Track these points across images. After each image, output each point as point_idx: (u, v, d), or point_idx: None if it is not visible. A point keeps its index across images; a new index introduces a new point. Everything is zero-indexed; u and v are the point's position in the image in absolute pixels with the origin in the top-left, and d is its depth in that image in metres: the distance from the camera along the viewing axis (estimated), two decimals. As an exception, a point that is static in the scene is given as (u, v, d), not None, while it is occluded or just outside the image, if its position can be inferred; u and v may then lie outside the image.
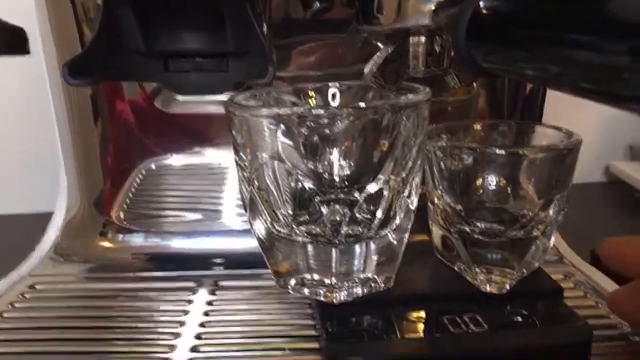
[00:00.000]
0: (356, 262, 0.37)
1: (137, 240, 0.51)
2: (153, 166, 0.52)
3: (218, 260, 0.49)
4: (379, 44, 0.41)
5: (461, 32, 0.28)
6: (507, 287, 0.38)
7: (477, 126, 0.43)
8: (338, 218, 0.36)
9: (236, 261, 0.49)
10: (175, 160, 0.52)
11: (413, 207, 0.37)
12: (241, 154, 0.37)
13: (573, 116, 0.51)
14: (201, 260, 0.49)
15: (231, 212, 0.52)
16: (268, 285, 0.45)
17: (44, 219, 0.52)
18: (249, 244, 0.49)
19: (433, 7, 0.33)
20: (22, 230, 0.61)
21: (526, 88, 0.51)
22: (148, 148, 0.51)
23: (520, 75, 0.28)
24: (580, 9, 0.22)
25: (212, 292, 0.45)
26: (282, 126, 0.34)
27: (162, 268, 0.49)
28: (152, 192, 0.52)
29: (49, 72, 0.48)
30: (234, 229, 0.51)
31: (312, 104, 0.42)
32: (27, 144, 0.69)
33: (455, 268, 0.41)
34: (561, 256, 0.50)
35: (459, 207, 0.39)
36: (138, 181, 0.52)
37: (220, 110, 0.48)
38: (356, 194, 0.36)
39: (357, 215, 0.36)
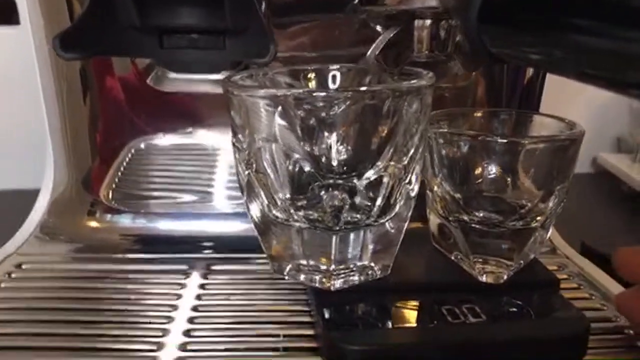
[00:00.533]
0: (354, 249, 0.36)
1: (126, 220, 0.49)
2: (143, 145, 0.51)
3: (210, 244, 0.48)
4: (378, 27, 0.40)
5: (473, 16, 0.27)
6: (505, 277, 0.38)
7: (478, 114, 0.43)
8: (337, 203, 0.35)
9: (229, 244, 0.48)
10: (167, 139, 0.51)
11: (413, 194, 0.37)
12: (239, 135, 0.36)
13: (561, 107, 0.50)
14: (193, 243, 0.48)
15: (223, 194, 0.51)
16: (262, 270, 0.44)
17: (32, 195, 0.51)
18: (242, 226, 0.49)
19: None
20: (10, 207, 0.59)
21: (525, 77, 0.50)
22: (138, 126, 0.50)
23: (530, 61, 0.27)
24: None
25: (205, 276, 0.44)
26: (280, 108, 0.33)
27: (152, 250, 0.47)
28: (142, 171, 0.51)
29: (37, 44, 0.46)
30: (226, 211, 0.50)
31: (310, 87, 0.42)
32: (13, 119, 0.67)
33: (452, 257, 0.41)
34: (554, 247, 0.50)
35: (458, 195, 0.39)
36: (127, 160, 0.51)
37: (214, 89, 0.48)
38: (355, 180, 0.35)
39: (357, 201, 0.35)
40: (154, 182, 0.51)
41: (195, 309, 0.40)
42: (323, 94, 0.32)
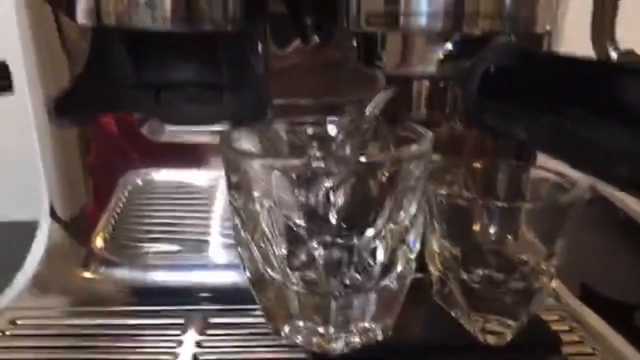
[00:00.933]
0: (354, 312, 0.36)
1: (121, 272, 0.49)
2: (139, 188, 0.50)
3: (207, 295, 0.48)
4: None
5: (472, 88, 0.27)
6: (509, 338, 0.37)
7: (477, 164, 0.42)
8: (335, 260, 0.35)
9: (226, 296, 0.47)
10: (163, 184, 0.50)
11: (413, 256, 0.36)
12: (234, 193, 0.36)
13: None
14: (189, 295, 0.48)
15: (222, 243, 0.50)
16: (260, 323, 0.43)
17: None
18: (239, 278, 0.48)
19: (441, 57, 0.31)
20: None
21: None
22: (134, 171, 0.49)
23: (525, 140, 0.27)
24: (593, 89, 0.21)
25: (202, 332, 0.43)
26: (277, 172, 0.33)
27: (148, 303, 0.47)
28: (137, 219, 0.51)
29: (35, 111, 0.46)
30: (225, 262, 0.49)
31: (310, 141, 0.41)
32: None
33: (453, 314, 0.40)
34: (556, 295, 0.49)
35: (456, 251, 0.38)
36: (122, 207, 0.50)
37: (210, 140, 0.47)
38: (355, 240, 0.35)
39: (355, 260, 0.35)
40: (150, 232, 0.50)
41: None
42: (322, 166, 0.32)
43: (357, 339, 0.37)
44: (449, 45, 0.32)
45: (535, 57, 0.26)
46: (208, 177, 0.50)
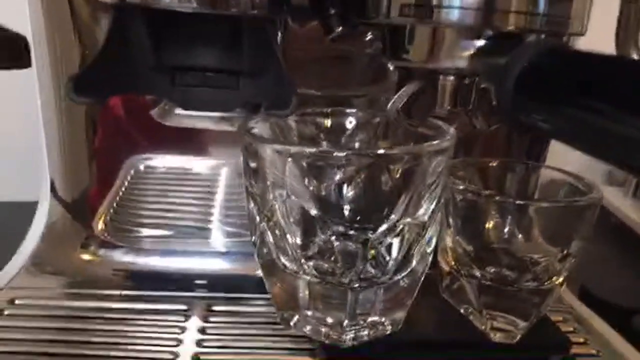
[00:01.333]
0: (366, 305, 0.36)
1: (121, 256, 0.48)
2: (142, 170, 0.49)
3: (212, 283, 0.47)
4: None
5: (509, 86, 0.27)
6: (518, 337, 0.37)
7: (493, 164, 0.42)
8: (351, 253, 0.34)
9: (230, 284, 0.47)
10: (167, 166, 0.49)
11: (430, 250, 0.36)
12: (252, 181, 0.36)
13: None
14: (190, 282, 0.47)
15: (224, 231, 0.49)
16: (265, 312, 0.43)
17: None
18: (243, 265, 0.48)
19: (472, 52, 0.31)
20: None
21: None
22: (138, 151, 0.48)
23: (562, 138, 0.27)
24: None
25: (205, 319, 0.43)
26: (294, 160, 0.32)
27: (149, 287, 0.46)
28: (139, 202, 0.50)
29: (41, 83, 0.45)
30: (227, 250, 0.49)
31: (326, 132, 0.41)
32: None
33: (462, 310, 0.40)
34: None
35: (470, 248, 0.38)
36: (124, 189, 0.49)
37: (219, 126, 0.47)
38: (370, 233, 0.34)
39: (370, 254, 0.35)
40: (151, 216, 0.50)
41: (197, 358, 0.38)
42: (341, 154, 0.32)
43: (366, 333, 0.36)
44: (479, 42, 0.31)
45: (576, 56, 0.25)
46: (214, 164, 0.50)
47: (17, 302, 0.43)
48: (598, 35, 0.36)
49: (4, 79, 0.61)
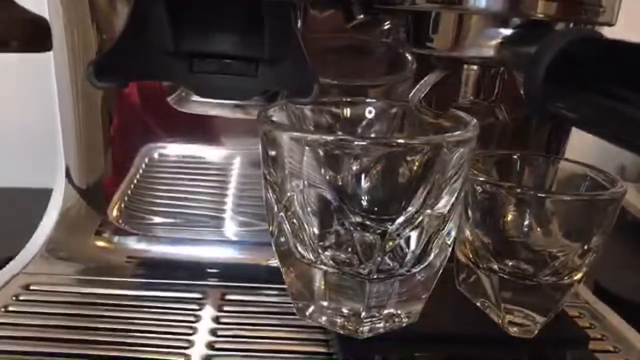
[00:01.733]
0: (382, 297, 0.35)
1: (135, 243, 0.48)
2: (157, 159, 0.49)
3: (225, 272, 0.47)
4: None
5: (539, 75, 0.26)
6: (535, 332, 0.37)
7: (514, 156, 0.41)
8: (369, 243, 0.34)
9: (243, 274, 0.46)
10: (183, 154, 0.49)
11: (449, 242, 0.36)
12: (271, 169, 0.35)
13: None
14: (204, 270, 0.47)
15: (238, 220, 0.49)
16: (279, 302, 0.43)
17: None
18: (257, 255, 0.48)
19: (499, 41, 0.31)
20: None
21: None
22: (154, 139, 0.48)
23: (593, 129, 0.26)
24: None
25: (220, 308, 0.43)
26: (311, 148, 0.32)
27: (162, 276, 0.46)
28: (154, 190, 0.49)
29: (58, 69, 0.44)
30: (241, 239, 0.49)
31: (342, 121, 0.41)
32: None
33: (478, 304, 0.39)
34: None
35: (488, 241, 0.38)
36: (139, 177, 0.49)
37: (235, 114, 0.46)
38: (388, 224, 0.34)
39: (388, 246, 0.34)
40: (166, 205, 0.49)
41: (211, 346, 0.38)
42: (361, 142, 0.31)
43: (382, 325, 0.36)
44: (507, 30, 0.31)
45: (610, 44, 0.25)
46: (228, 153, 0.49)
47: (32, 287, 0.43)
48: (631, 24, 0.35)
49: (19, 65, 0.61)
